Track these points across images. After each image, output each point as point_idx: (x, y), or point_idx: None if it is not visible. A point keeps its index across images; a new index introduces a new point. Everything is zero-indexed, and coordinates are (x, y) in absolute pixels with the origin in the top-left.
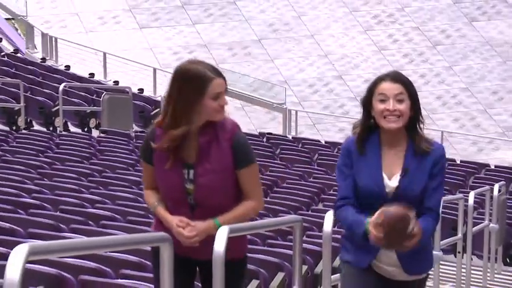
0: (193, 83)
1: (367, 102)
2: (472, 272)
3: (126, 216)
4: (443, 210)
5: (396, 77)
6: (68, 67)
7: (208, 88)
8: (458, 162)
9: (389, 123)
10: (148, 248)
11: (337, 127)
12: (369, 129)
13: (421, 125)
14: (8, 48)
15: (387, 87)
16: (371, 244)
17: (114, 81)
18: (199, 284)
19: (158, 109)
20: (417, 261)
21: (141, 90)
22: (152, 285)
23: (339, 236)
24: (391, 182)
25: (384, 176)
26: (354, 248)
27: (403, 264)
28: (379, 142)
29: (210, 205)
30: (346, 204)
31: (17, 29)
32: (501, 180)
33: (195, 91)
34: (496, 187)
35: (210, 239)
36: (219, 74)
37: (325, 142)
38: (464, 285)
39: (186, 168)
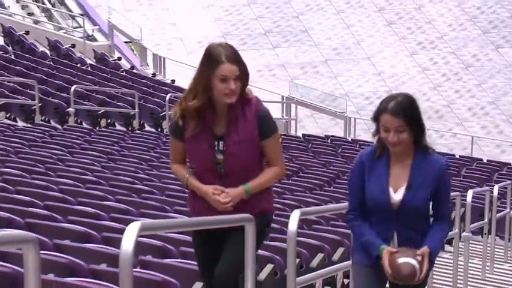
0: (207, 61)
1: (376, 122)
2: (496, 249)
3: None
4: (473, 200)
5: (395, 111)
6: (173, 81)
7: (216, 70)
8: (485, 161)
9: (392, 148)
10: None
11: None
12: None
13: (427, 143)
14: (126, 65)
15: (388, 120)
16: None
17: None
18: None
19: None
20: None
21: None
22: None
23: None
24: (396, 195)
25: (390, 189)
26: (360, 247)
27: None
28: (388, 155)
29: (238, 173)
30: (357, 216)
31: (133, 50)
32: None
33: (207, 69)
34: None
35: (236, 206)
36: (232, 60)
37: None
38: (489, 260)
39: (217, 140)
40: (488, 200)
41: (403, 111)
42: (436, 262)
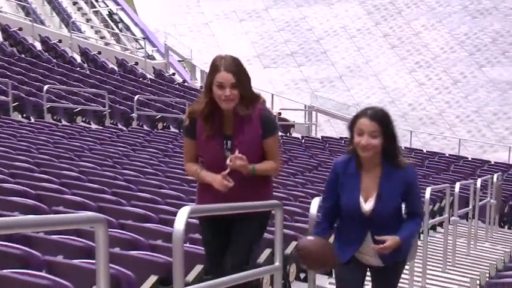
0: (210, 70)
1: (351, 130)
2: (478, 231)
3: None
4: (460, 190)
5: (373, 116)
6: None
7: (214, 77)
8: (470, 159)
9: (362, 152)
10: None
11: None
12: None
13: (398, 154)
14: (179, 80)
15: (365, 123)
16: (354, 239)
17: None
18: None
19: None
20: (392, 252)
21: None
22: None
23: None
24: (367, 205)
25: (361, 199)
26: (340, 244)
27: (379, 254)
28: (360, 165)
29: None
30: (326, 210)
31: (184, 67)
32: (498, 172)
33: (208, 76)
34: (495, 176)
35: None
36: (229, 69)
37: None
38: (473, 240)
39: (225, 139)
40: (472, 190)
41: (380, 118)
42: (429, 241)
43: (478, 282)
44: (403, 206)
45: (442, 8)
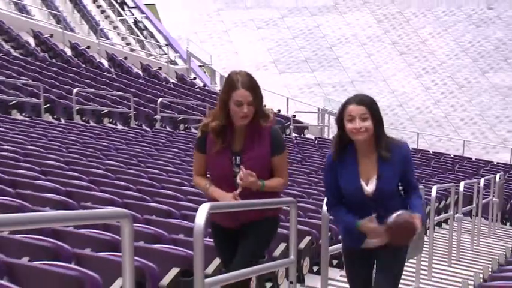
0: (226, 87)
1: (340, 121)
2: (481, 227)
3: None
4: (465, 189)
5: (360, 101)
6: None
7: (232, 94)
8: (473, 159)
9: (356, 136)
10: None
11: (398, 136)
12: (344, 142)
13: (383, 136)
14: (200, 84)
15: (353, 108)
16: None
17: None
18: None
19: (288, 122)
20: None
21: (279, 110)
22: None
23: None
24: (369, 186)
25: (362, 182)
26: (346, 231)
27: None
28: (355, 152)
29: None
30: (334, 204)
31: (205, 72)
32: (500, 172)
33: (225, 94)
34: (498, 176)
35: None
36: (247, 87)
37: None
38: (476, 236)
39: (234, 156)
40: (476, 189)
41: (366, 101)
42: (435, 237)
43: (481, 275)
44: (400, 183)
45: (448, 17)
